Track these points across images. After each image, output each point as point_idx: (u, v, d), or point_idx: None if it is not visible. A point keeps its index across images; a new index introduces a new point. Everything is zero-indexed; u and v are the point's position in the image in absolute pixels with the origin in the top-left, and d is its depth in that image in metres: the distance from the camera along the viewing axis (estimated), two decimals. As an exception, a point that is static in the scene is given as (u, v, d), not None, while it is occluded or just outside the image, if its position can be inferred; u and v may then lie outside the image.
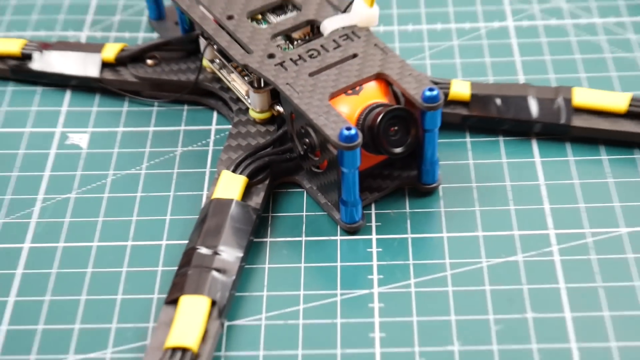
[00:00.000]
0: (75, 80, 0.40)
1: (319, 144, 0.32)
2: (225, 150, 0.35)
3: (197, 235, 0.32)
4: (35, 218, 0.35)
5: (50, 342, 0.31)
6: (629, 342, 0.29)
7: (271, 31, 0.35)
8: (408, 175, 0.35)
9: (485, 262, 0.32)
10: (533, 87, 0.37)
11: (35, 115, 0.39)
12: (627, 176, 0.35)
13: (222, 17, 0.35)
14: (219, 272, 0.31)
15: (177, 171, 0.36)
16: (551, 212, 0.34)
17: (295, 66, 0.33)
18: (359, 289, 0.32)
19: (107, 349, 0.30)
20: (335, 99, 0.32)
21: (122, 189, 0.36)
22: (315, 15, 0.35)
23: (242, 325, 0.31)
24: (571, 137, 0.36)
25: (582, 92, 0.36)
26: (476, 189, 0.35)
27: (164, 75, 0.39)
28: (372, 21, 0.35)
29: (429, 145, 0.33)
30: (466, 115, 0.36)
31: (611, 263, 0.32)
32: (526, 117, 0.36)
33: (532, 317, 0.30)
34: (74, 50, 0.40)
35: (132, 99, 0.40)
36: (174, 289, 0.31)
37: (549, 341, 0.30)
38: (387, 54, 0.33)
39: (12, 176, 0.37)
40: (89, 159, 0.37)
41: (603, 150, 0.36)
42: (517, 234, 0.33)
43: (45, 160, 0.37)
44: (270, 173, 0.35)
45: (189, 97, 0.39)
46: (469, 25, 0.42)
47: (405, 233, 0.33)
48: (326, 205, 0.34)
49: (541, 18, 0.42)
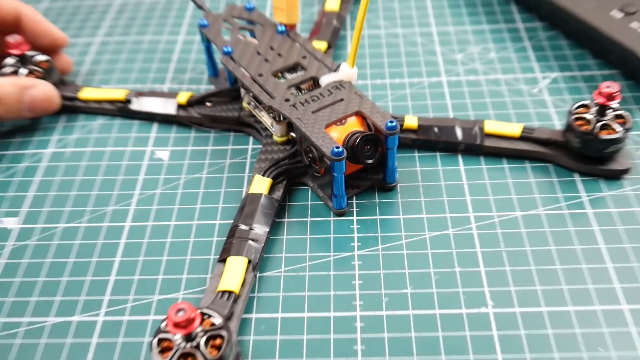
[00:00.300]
0: (160, 116, 0.40)
1: (318, 157, 0.32)
2: (258, 161, 0.35)
3: (239, 217, 0.32)
4: (133, 206, 0.35)
5: (143, 287, 0.31)
6: (524, 287, 0.29)
7: (287, 84, 0.35)
8: (377, 178, 0.34)
9: (427, 234, 0.32)
10: (458, 120, 0.36)
11: (134, 139, 0.39)
12: (521, 178, 0.35)
13: (255, 75, 0.35)
14: (253, 241, 0.31)
15: (226, 175, 0.36)
16: (470, 202, 0.33)
17: (303, 106, 0.33)
18: (345, 252, 0.31)
19: (179, 291, 0.30)
20: (329, 128, 0.32)
21: (190, 187, 0.36)
22: (316, 73, 0.35)
23: (268, 276, 0.31)
24: (483, 153, 0.36)
25: (490, 123, 0.36)
26: (421, 186, 0.35)
27: (218, 113, 0.38)
28: (353, 78, 0.35)
29: (390, 158, 0.33)
30: (415, 138, 0.36)
31: (510, 235, 0.32)
32: (454, 140, 0.36)
33: (459, 270, 0.30)
34: (158, 96, 0.40)
35: (197, 128, 0.39)
36: (224, 252, 0.30)
37: (470, 286, 0.29)
38: (362, 98, 0.33)
39: (118, 179, 0.36)
40: (169, 167, 0.37)
41: (504, 161, 0.36)
42: (448, 216, 0.33)
43: (140, 168, 0.37)
44: (286, 176, 0.34)
45: (234, 127, 0.39)
46: (417, 80, 0.42)
47: (375, 215, 0.33)
48: (323, 198, 0.34)
49: (463, 75, 0.42)
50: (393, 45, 0.45)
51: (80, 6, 0.52)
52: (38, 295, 0.31)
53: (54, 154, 0.38)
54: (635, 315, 0.28)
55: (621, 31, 0.39)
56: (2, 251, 0.33)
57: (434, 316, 0.28)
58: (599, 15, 0.41)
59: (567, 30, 0.44)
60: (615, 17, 0.40)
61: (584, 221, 0.32)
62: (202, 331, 0.25)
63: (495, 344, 0.27)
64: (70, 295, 0.30)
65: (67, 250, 0.33)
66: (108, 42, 0.48)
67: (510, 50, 0.44)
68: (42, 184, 0.36)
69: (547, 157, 0.35)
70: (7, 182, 0.37)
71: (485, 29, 0.46)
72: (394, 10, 0.48)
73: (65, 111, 0.41)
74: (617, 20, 0.40)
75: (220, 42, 0.38)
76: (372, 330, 0.28)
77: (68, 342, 0.29)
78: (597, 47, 0.42)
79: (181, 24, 0.49)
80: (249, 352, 0.28)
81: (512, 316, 0.28)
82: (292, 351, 0.27)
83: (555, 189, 0.34)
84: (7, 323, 0.29)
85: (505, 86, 0.41)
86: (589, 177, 0.34)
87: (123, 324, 0.29)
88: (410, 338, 0.28)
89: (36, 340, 0.29)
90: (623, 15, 0.40)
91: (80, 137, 0.39)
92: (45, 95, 0.39)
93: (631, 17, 0.40)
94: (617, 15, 0.40)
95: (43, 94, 0.39)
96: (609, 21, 0.40)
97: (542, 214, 0.33)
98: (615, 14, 0.40)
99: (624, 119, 0.33)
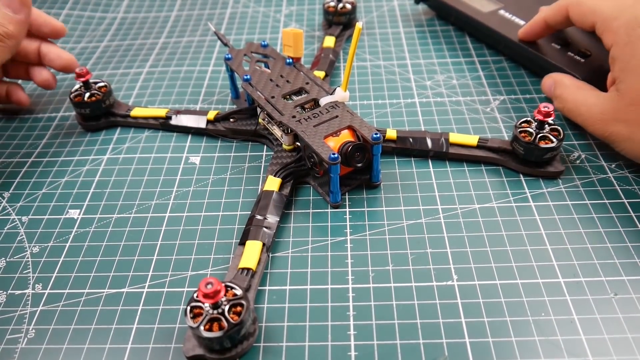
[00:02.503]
0: (193, 130, 0.39)
1: (318, 161, 0.31)
2: (270, 165, 0.34)
3: (255, 209, 0.31)
4: (171, 200, 0.34)
5: (178, 265, 0.30)
6: (481, 264, 0.29)
7: (293, 104, 0.34)
8: (365, 178, 0.33)
9: (405, 222, 0.31)
10: (429, 132, 0.35)
11: (173, 147, 0.38)
12: (478, 178, 0.34)
13: (268, 97, 0.34)
14: (266, 228, 0.30)
15: (245, 176, 0.35)
16: (438, 197, 0.32)
17: (306, 122, 0.32)
18: (339, 237, 0.31)
19: (208, 268, 0.29)
20: (327, 138, 0.31)
21: (217, 185, 0.35)
22: (317, 95, 0.34)
23: (278, 256, 0.30)
24: (449, 158, 0.35)
25: (454, 135, 0.35)
26: (400, 185, 0.34)
27: (239, 127, 0.37)
28: (345, 99, 0.34)
29: (375, 162, 0.32)
30: (394, 147, 0.35)
31: (470, 223, 0.31)
32: (425, 148, 0.35)
33: (430, 252, 0.29)
34: (192, 114, 0.39)
35: (223, 139, 0.38)
36: (243, 237, 0.30)
37: (439, 264, 0.29)
38: (353, 115, 0.32)
39: (160, 179, 0.35)
40: (200, 169, 0.36)
41: (465, 165, 0.35)
42: (421, 208, 0.32)
43: (178, 170, 0.36)
44: (293, 177, 0.33)
45: (252, 138, 0.38)
46: (395, 101, 0.41)
47: (363, 207, 0.32)
48: (322, 193, 0.33)
49: (432, 97, 0.41)
50: (376, 74, 0.44)
51: (132, 44, 0.51)
52: (95, 272, 0.30)
53: (109, 159, 0.37)
54: (569, 287, 0.27)
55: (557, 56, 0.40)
56: (68, 236, 0.32)
57: (411, 288, 0.27)
58: (542, 44, 0.41)
59: (510, 56, 0.44)
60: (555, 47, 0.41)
61: (528, 212, 0.31)
62: (226, 300, 0.24)
63: (460, 310, 0.26)
64: (121, 271, 0.29)
65: (119, 236, 0.32)
66: (153, 72, 0.47)
67: (468, 78, 0.43)
68: (99, 183, 0.35)
69: (498, 161, 0.34)
70: (73, 181, 0.36)
71: (449, 61, 0.45)
72: (377, 47, 0.48)
73: (119, 125, 0.40)
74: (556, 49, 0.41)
75: (241, 71, 0.37)
76: (361, 299, 0.27)
77: (119, 308, 0.28)
78: (534, 68, 0.42)
79: (211, 57, 0.48)
80: (263, 317, 0.27)
81: (472, 288, 0.27)
82: (297, 316, 0.27)
83: (505, 187, 0.33)
84: (71, 293, 0.29)
85: (464, 106, 0.40)
86: (531, 177, 0.33)
87: (163, 294, 0.28)
88: (392, 305, 0.27)
89: (94, 307, 0.28)
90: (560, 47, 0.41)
91: (130, 146, 0.38)
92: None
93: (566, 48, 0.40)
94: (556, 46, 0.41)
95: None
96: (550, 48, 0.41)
97: (495, 206, 0.32)
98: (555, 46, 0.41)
99: (558, 132, 0.33)
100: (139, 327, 0.27)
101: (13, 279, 0.30)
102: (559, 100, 0.35)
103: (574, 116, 0.34)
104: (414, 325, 0.26)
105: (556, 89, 0.36)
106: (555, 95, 0.36)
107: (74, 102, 0.39)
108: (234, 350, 0.25)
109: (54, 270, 0.30)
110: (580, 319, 0.26)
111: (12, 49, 0.34)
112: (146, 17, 0.56)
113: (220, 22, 0.53)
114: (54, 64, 0.40)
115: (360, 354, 0.25)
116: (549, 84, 0.37)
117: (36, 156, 0.38)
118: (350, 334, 0.26)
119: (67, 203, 0.34)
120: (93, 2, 0.58)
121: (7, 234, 0.32)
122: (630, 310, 0.26)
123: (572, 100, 0.34)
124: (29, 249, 0.31)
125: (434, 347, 0.25)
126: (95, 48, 0.51)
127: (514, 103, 0.40)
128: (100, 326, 0.27)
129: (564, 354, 0.24)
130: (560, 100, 0.35)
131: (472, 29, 0.47)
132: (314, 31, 0.51)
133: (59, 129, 0.41)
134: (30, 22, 0.37)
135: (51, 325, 0.27)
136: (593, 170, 0.33)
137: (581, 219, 0.30)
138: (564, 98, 0.35)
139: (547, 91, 0.37)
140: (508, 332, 0.25)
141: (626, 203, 0.31)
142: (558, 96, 0.35)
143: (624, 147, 0.32)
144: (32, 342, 0.26)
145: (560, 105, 0.35)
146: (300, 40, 0.37)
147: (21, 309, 0.28)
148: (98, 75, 0.46)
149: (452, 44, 0.47)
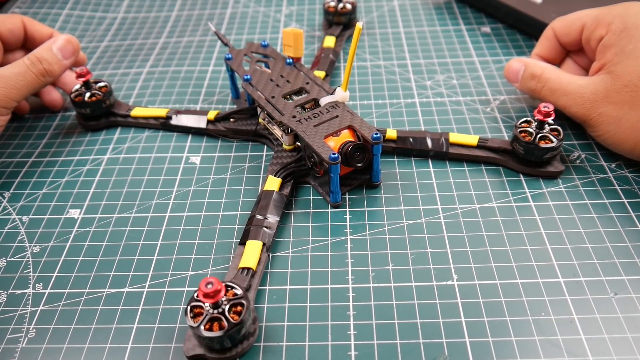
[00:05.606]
0: (193, 129, 0.39)
1: (318, 161, 0.31)
2: (271, 165, 0.34)
3: (255, 209, 0.31)
4: (172, 200, 0.34)
5: (179, 264, 0.30)
6: (481, 264, 0.28)
7: (294, 104, 0.34)
8: (365, 178, 0.33)
9: (405, 222, 0.31)
10: (429, 132, 0.35)
11: (173, 147, 0.38)
12: (478, 178, 0.34)
13: (269, 97, 0.34)
14: (266, 228, 0.30)
15: (246, 176, 0.35)
16: (438, 197, 0.32)
17: (306, 122, 0.32)
18: (339, 236, 0.30)
19: (208, 268, 0.29)
20: (327, 138, 0.31)
21: (217, 185, 0.35)
22: (317, 95, 0.34)
23: (279, 255, 0.30)
24: (448, 158, 0.35)
25: (454, 135, 0.35)
26: (400, 185, 0.33)
27: (239, 127, 0.37)
28: (346, 99, 0.34)
29: (375, 162, 0.32)
30: (394, 147, 0.35)
31: (470, 223, 0.31)
32: (425, 148, 0.35)
33: (430, 251, 0.29)
34: (192, 114, 0.39)
35: (223, 138, 0.38)
36: (244, 237, 0.30)
37: (439, 264, 0.29)
38: (353, 115, 0.32)
39: (160, 179, 0.35)
40: (200, 169, 0.36)
41: (465, 165, 0.35)
42: (421, 208, 0.32)
43: (178, 170, 0.36)
44: (293, 177, 0.33)
45: (252, 138, 0.38)
46: (395, 101, 0.41)
47: (364, 207, 0.32)
48: (322, 193, 0.33)
49: (432, 97, 0.41)
50: (376, 74, 0.44)
51: (132, 44, 0.51)
52: (96, 271, 0.30)
53: (109, 159, 0.37)
54: (569, 287, 0.27)
55: None
56: (69, 236, 0.32)
57: (411, 287, 0.27)
58: None
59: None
60: None
61: (528, 211, 0.31)
62: (227, 300, 0.24)
63: (460, 309, 0.26)
64: (121, 271, 0.29)
65: (120, 235, 0.31)
66: (154, 72, 0.47)
67: (468, 78, 0.43)
68: (100, 183, 0.35)
69: (498, 161, 0.34)
70: (73, 181, 0.36)
71: (449, 61, 0.45)
72: (377, 47, 0.48)
73: (120, 125, 0.40)
74: None
75: (241, 71, 0.37)
76: (361, 299, 0.27)
77: (120, 308, 0.28)
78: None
79: (211, 57, 0.48)
80: (263, 317, 0.27)
81: (472, 287, 0.27)
82: (297, 316, 0.27)
83: (505, 187, 0.33)
84: (71, 293, 0.29)
85: (465, 106, 0.40)
86: (531, 177, 0.33)
87: (163, 294, 0.28)
88: (392, 305, 0.27)
89: (95, 307, 0.28)
90: None
91: (131, 146, 0.38)
92: (67, 39, 0.37)
93: None
94: None
95: (64, 39, 0.36)
96: None
97: (495, 206, 0.32)
98: None
99: (558, 132, 0.33)
100: (140, 326, 0.27)
101: (13, 278, 0.30)
102: (538, 79, 0.34)
103: (557, 96, 0.33)
104: (414, 325, 0.26)
105: (533, 69, 0.34)
106: (534, 74, 0.34)
107: (75, 102, 0.39)
108: (234, 350, 0.25)
109: (55, 270, 0.30)
110: (580, 319, 0.26)
111: (48, 84, 0.37)
112: (146, 17, 0.56)
113: (221, 22, 0.53)
114: (67, 88, 0.41)
115: (360, 353, 0.25)
116: (517, 66, 0.36)
117: (37, 156, 0.38)
118: (351, 334, 0.26)
119: (68, 203, 0.34)
120: (93, 2, 0.58)
121: (7, 233, 0.32)
122: (630, 310, 0.26)
123: (556, 79, 0.33)
124: (30, 248, 0.31)
125: (434, 347, 0.25)
126: (96, 48, 0.51)
127: (514, 103, 0.40)
128: (100, 326, 0.27)
129: (564, 354, 0.24)
130: (540, 80, 0.34)
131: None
132: (314, 31, 0.51)
133: (59, 129, 0.41)
134: None
135: (52, 325, 0.27)
136: (593, 170, 0.33)
137: (581, 219, 0.30)
138: (545, 77, 0.34)
139: (512, 74, 0.36)
140: (508, 332, 0.25)
141: (626, 203, 0.31)
142: (537, 75, 0.34)
143: (608, 130, 0.31)
144: (32, 342, 0.26)
145: (538, 85, 0.34)
146: (300, 40, 0.37)
147: (22, 308, 0.28)
148: (98, 75, 0.46)
149: (452, 44, 0.47)
